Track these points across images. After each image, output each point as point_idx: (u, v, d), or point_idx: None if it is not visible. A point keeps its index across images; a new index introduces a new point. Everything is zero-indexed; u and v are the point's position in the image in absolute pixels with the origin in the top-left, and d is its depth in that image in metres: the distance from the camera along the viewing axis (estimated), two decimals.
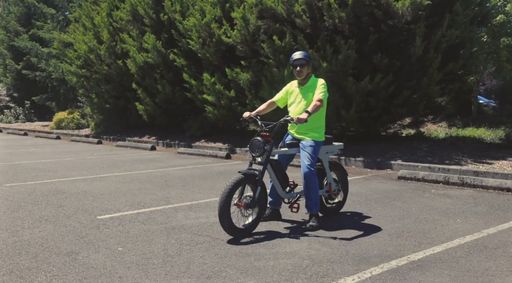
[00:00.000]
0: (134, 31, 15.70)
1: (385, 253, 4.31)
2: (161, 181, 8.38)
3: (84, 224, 5.47)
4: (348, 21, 10.18)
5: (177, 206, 6.37)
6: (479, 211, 5.89)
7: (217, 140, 13.90)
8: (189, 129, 15.04)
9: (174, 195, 7.11)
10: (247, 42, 12.14)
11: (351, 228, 5.19)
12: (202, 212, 6.01)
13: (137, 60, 15.31)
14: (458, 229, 5.09)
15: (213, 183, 8.11)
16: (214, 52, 13.12)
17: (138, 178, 8.73)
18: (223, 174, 9.22)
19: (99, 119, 20.00)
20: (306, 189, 5.17)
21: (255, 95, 12.40)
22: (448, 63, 10.48)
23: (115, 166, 10.49)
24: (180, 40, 14.25)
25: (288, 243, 4.68)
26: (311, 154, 5.20)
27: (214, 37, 12.95)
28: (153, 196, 7.09)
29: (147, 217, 5.80)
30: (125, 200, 6.77)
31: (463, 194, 7.04)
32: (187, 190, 7.55)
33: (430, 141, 11.55)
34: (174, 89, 14.89)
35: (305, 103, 5.34)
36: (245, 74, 12.33)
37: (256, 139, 5.04)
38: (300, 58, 5.37)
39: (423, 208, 6.13)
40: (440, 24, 10.20)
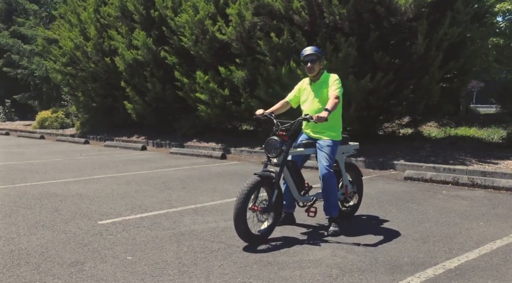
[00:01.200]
0: (123, 28, 15.23)
1: (417, 260, 4.03)
2: (159, 183, 8.01)
3: (85, 230, 5.09)
4: (348, 18, 9.92)
5: (181, 210, 6.02)
6: (500, 214, 5.67)
7: (210, 140, 13.54)
8: (181, 128, 14.64)
9: (175, 198, 6.76)
10: (243, 39, 11.81)
11: (371, 232, 4.92)
12: (209, 216, 5.67)
13: (126, 58, 14.86)
14: (484, 233, 4.85)
15: (214, 185, 7.78)
16: (207, 50, 12.75)
17: (134, 180, 8.34)
18: (222, 175, 8.88)
19: (85, 118, 19.46)
20: (325, 191, 4.87)
21: (250, 94, 12.08)
22: (449, 62, 10.30)
23: (107, 167, 10.07)
24: (171, 37, 13.84)
25: (310, 250, 4.37)
26: (329, 154, 4.91)
27: (208, 34, 12.59)
28: (154, 198, 6.72)
29: (152, 221, 5.44)
30: (124, 204, 6.40)
31: (476, 195, 6.83)
32: (188, 192, 7.20)
33: (429, 141, 11.37)
34: (165, 87, 14.48)
35: (318, 101, 5.05)
36: (239, 72, 12.00)
37: (272, 139, 4.72)
38: (311, 53, 5.06)
39: (440, 210, 5.89)
40: (441, 22, 10.00)
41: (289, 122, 4.91)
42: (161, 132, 15.66)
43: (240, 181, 8.11)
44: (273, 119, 4.93)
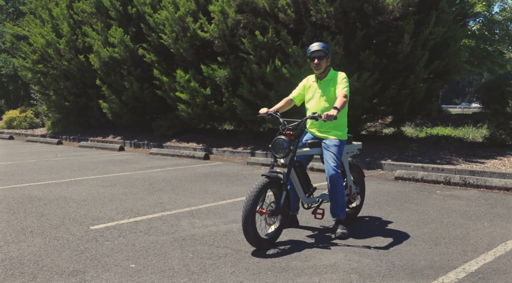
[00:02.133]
0: (99, 25, 14.78)
1: (434, 263, 3.92)
2: (146, 185, 7.72)
3: (78, 236, 4.80)
4: (335, 17, 9.82)
5: (176, 213, 5.77)
6: (500, 213, 5.64)
7: (190, 141, 13.26)
8: (159, 128, 14.30)
9: (167, 200, 6.50)
10: (225, 37, 11.58)
11: (379, 235, 4.79)
12: (207, 220, 5.45)
13: (101, 55, 14.42)
14: (492, 233, 4.79)
15: (204, 186, 7.54)
16: (188, 48, 12.47)
17: (118, 181, 8.02)
18: (209, 176, 8.64)
19: (56, 118, 18.87)
20: (333, 193, 4.72)
21: (233, 93, 11.87)
22: (434, 61, 10.34)
23: (87, 168, 9.69)
24: (150, 34, 13.50)
25: (322, 254, 4.21)
26: (336, 154, 4.75)
27: (189, 31, 12.31)
28: (144, 201, 6.45)
29: (148, 226, 5.18)
30: (114, 207, 6.10)
31: (470, 194, 6.81)
32: (179, 194, 6.94)
33: (413, 140, 11.40)
34: (143, 86, 14.13)
35: (325, 99, 4.89)
36: (222, 71, 11.77)
37: (279, 138, 4.53)
38: (318, 50, 4.89)
39: (440, 210, 5.82)
40: (426, 21, 10.03)
41: (295, 121, 4.74)
42: (138, 133, 15.29)
43: (229, 182, 7.91)
44: (279, 118, 4.74)
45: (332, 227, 5.09)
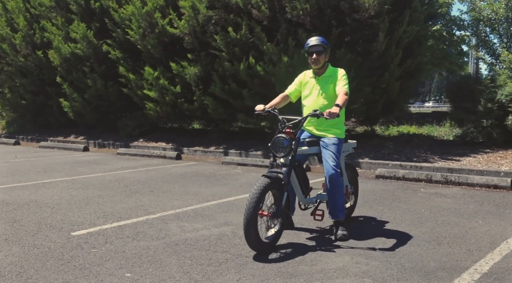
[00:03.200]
0: (59, 19, 14.12)
1: (444, 264, 3.81)
2: (121, 186, 7.35)
3: (60, 244, 4.43)
4: (310, 14, 9.70)
5: (161, 216, 5.47)
6: (490, 211, 5.63)
7: (159, 140, 12.86)
8: (125, 128, 13.80)
9: (148, 203, 6.17)
10: (196, 33, 11.27)
11: (379, 235, 4.66)
12: (197, 223, 5.17)
13: (62, 51, 13.80)
14: (490, 232, 4.75)
15: (183, 188, 7.24)
16: (156, 44, 12.07)
17: (90, 183, 7.61)
18: (185, 176, 8.34)
19: (11, 117, 18.03)
20: (332, 193, 4.54)
21: (204, 91, 11.57)
22: (407, 60, 10.39)
23: (53, 170, 9.18)
24: (115, 30, 13.00)
25: (327, 257, 4.03)
26: (336, 153, 4.59)
27: (157, 27, 11.91)
28: (124, 204, 6.10)
29: (134, 230, 4.87)
30: (93, 211, 5.73)
31: (454, 192, 6.81)
32: (159, 196, 6.62)
33: (385, 139, 11.45)
34: (107, 84, 13.60)
35: (324, 96, 4.71)
36: (192, 68, 11.45)
37: (280, 137, 4.32)
38: (317, 44, 4.72)
39: (431, 209, 5.77)
40: (399, 20, 10.06)
41: (295, 119, 4.54)
42: (102, 132, 14.73)
43: (208, 183, 7.64)
44: (278, 116, 4.53)
45: (328, 228, 4.94)
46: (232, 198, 6.49)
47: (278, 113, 4.56)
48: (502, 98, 9.53)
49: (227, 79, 11.06)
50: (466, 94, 10.03)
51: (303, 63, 9.75)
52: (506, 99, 9.50)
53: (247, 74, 10.44)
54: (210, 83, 11.35)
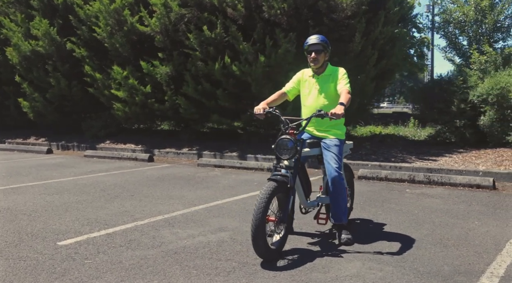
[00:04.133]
0: (18, 15, 13.45)
1: (458, 268, 3.74)
2: (98, 191, 6.99)
3: (48, 255, 4.10)
4: (287, 13, 9.59)
5: (150, 222, 5.19)
6: (481, 211, 5.65)
7: (127, 141, 12.44)
8: (90, 129, 13.29)
9: (131, 208, 5.87)
10: (168, 32, 10.96)
11: (382, 239, 4.55)
12: (190, 229, 4.93)
13: (22, 49, 13.16)
14: (490, 232, 4.74)
15: (165, 191, 6.96)
16: (125, 42, 11.66)
17: (64, 188, 7.20)
18: (164, 179, 8.04)
19: None
20: (335, 196, 4.41)
21: (176, 91, 11.26)
22: (381, 61, 10.44)
23: (18, 174, 8.68)
24: (80, 27, 12.50)
25: (337, 263, 3.89)
26: (338, 155, 4.46)
27: (126, 25, 11.51)
28: (106, 210, 5.77)
29: (125, 238, 4.58)
30: (74, 218, 5.38)
31: (439, 192, 6.83)
32: (141, 200, 6.32)
33: (360, 139, 11.47)
34: (71, 83, 13.06)
35: (324, 96, 4.58)
36: (164, 67, 11.13)
37: (285, 138, 4.15)
38: (316, 43, 4.58)
39: (423, 210, 5.74)
40: (374, 21, 10.10)
41: (298, 119, 4.39)
42: (65, 134, 14.15)
43: (189, 186, 7.38)
44: (280, 116, 4.36)
45: (328, 231, 4.81)
46: (220, 201, 6.27)
47: (280, 114, 4.39)
48: (474, 99, 9.71)
49: (200, 79, 10.80)
50: (439, 95, 10.17)
51: (280, 63, 9.71)
52: (478, 100, 9.68)
53: (222, 74, 10.21)
54: (182, 83, 11.06)
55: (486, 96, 9.45)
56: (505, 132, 9.41)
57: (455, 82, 10.07)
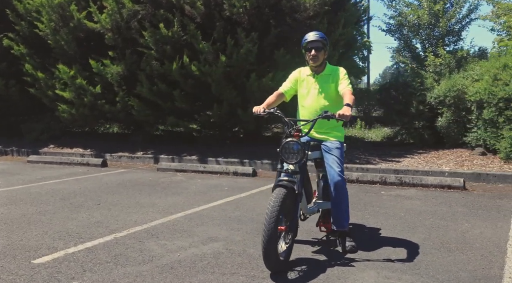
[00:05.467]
0: None
1: (476, 274, 3.64)
2: (57, 200, 6.38)
3: (25, 276, 3.59)
4: (248, 12, 9.33)
5: (131, 234, 4.75)
6: (465, 212, 5.66)
7: (73, 145, 11.66)
8: (31, 132, 12.35)
9: (103, 218, 5.38)
10: (120, 29, 10.37)
11: (384, 245, 4.38)
12: (177, 239, 4.55)
13: None
14: (485, 234, 4.72)
15: (134, 199, 6.48)
16: (70, 40, 10.92)
17: (17, 198, 6.53)
18: (126, 186, 7.52)
19: None
20: (338, 201, 4.19)
21: (128, 92, 10.68)
22: (341, 62, 10.43)
23: None
24: (18, 23, 11.59)
25: (350, 273, 3.68)
26: (340, 158, 4.26)
27: (72, 21, 10.79)
28: (75, 221, 5.24)
29: (109, 253, 4.13)
30: (42, 231, 4.83)
31: (414, 194, 6.82)
32: (110, 210, 5.82)
33: None
34: (8, 83, 12.09)
35: (324, 96, 4.35)
36: (115, 67, 10.52)
37: (291, 141, 3.88)
38: (316, 40, 4.35)
39: (408, 212, 5.68)
40: (334, 22, 10.06)
41: (304, 121, 4.14)
42: (0, 137, 13.05)
43: (158, 193, 6.93)
44: (283, 117, 4.10)
45: (325, 238, 4.60)
46: (197, 208, 5.89)
47: (283, 115, 4.12)
48: (431, 101, 9.91)
49: (155, 79, 10.30)
50: (398, 97, 10.30)
51: (242, 64, 9.43)
52: (435, 102, 9.88)
53: (180, 74, 9.78)
54: (135, 83, 10.49)
55: (443, 98, 9.67)
56: (461, 133, 9.67)
57: (413, 84, 10.23)
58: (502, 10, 9.55)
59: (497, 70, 8.68)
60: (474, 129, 9.28)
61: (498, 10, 9.76)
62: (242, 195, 6.74)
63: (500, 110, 8.50)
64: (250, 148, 10.49)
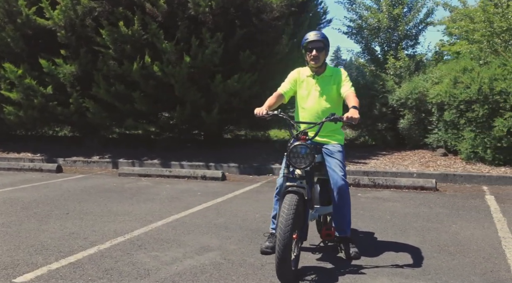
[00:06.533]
0: None
1: (486, 277, 3.60)
2: (19, 210, 5.87)
3: None
4: (213, 12, 9.08)
5: (114, 246, 4.39)
6: (447, 213, 5.70)
7: (21, 150, 10.93)
8: None
9: (77, 229, 4.96)
10: (74, 26, 9.80)
11: (385, 249, 4.26)
12: (168, 250, 4.25)
13: None
14: (475, 235, 4.74)
15: (104, 207, 6.07)
16: (18, 37, 10.21)
17: None
18: (90, 192, 7.06)
19: None
20: (341, 206, 4.05)
21: (82, 93, 10.12)
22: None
23: None
24: None
25: (363, 280, 3.54)
26: (343, 161, 4.12)
27: (20, 17, 10.08)
28: (47, 233, 4.80)
29: (98, 268, 3.78)
30: (14, 246, 4.38)
31: (390, 195, 6.84)
32: (83, 219, 5.40)
33: (277, 142, 11.30)
34: None
35: (326, 98, 4.20)
36: (68, 66, 9.93)
37: (299, 145, 3.70)
38: (317, 40, 4.20)
39: (393, 215, 5.65)
40: (298, 23, 10.00)
41: (312, 124, 3.96)
42: None
43: (126, 199, 6.56)
44: (289, 120, 3.91)
45: (323, 244, 4.43)
46: (176, 216, 5.59)
47: (288, 117, 3.93)
48: (393, 103, 10.06)
49: (111, 79, 9.82)
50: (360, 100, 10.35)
51: (207, 65, 9.16)
52: (397, 104, 10.04)
53: (140, 75, 9.36)
54: (90, 84, 9.96)
55: (405, 101, 9.83)
56: (422, 135, 9.87)
57: (375, 86, 10.35)
58: (459, 15, 9.85)
59: (457, 73, 8.91)
60: (435, 131, 9.49)
61: (455, 15, 10.07)
62: (219, 200, 6.49)
63: (461, 112, 8.72)
64: (213, 151, 10.23)
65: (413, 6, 13.08)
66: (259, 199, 6.57)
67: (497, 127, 8.13)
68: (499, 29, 8.78)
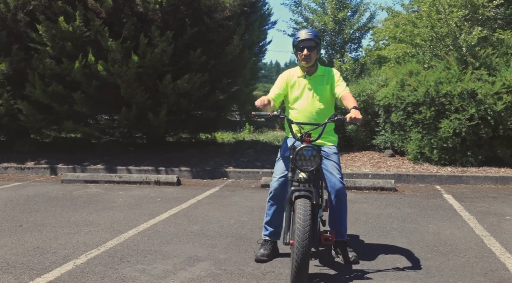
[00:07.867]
0: None
1: (489, 276, 3.61)
2: None
3: None
4: (163, 10, 8.69)
5: (92, 260, 3.97)
6: (419, 213, 5.75)
7: None
8: None
9: (40, 243, 4.45)
10: (5, 21, 9.00)
11: (379, 253, 4.19)
12: (155, 263, 3.90)
13: None
14: (456, 235, 4.80)
15: (59, 216, 5.53)
16: None
17: None
18: (37, 201, 6.43)
19: None
20: (338, 209, 3.93)
21: (15, 94, 9.30)
22: (257, 64, 10.25)
23: None
24: None
25: None
26: (339, 163, 4.01)
27: None
28: (7, 249, 4.27)
29: None
30: None
31: (353, 196, 6.83)
32: (41, 232, 4.87)
33: (226, 145, 11.06)
34: None
35: (319, 99, 4.06)
36: None
37: (305, 147, 3.53)
38: (309, 38, 4.04)
39: (366, 216, 5.64)
40: (248, 23, 9.86)
41: (315, 125, 3.79)
42: None
43: (83, 208, 6.04)
44: (292, 121, 3.74)
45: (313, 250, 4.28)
46: (146, 224, 5.20)
47: (289, 119, 3.75)
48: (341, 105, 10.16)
49: (46, 79, 9.10)
50: None
51: (156, 65, 8.75)
52: None
53: (82, 75, 8.75)
54: (23, 83, 9.18)
55: None
56: (369, 136, 10.06)
57: None
58: (403, 20, 10.17)
59: (404, 76, 9.17)
60: (382, 133, 9.70)
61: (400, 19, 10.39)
62: (184, 206, 6.16)
63: (408, 114, 8.97)
64: (158, 154, 9.79)
65: (357, 10, 13.39)
66: (225, 204, 6.31)
67: (443, 129, 8.44)
68: (440, 35, 9.13)
